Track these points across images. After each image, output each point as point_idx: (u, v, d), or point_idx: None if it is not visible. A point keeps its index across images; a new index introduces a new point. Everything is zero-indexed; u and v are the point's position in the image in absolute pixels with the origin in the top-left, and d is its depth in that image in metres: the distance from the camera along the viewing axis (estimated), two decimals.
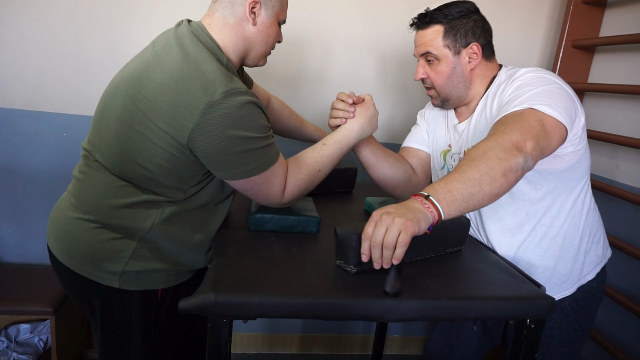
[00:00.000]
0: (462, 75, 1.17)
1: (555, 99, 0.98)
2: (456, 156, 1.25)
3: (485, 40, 1.16)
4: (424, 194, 0.81)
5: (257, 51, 1.08)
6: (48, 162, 1.80)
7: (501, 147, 0.85)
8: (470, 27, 1.14)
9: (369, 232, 0.78)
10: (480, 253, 1.11)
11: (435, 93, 1.21)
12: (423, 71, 1.19)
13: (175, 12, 1.74)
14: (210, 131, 0.91)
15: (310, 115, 1.82)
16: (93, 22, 1.71)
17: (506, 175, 0.83)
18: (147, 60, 0.99)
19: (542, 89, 1.00)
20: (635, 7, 1.69)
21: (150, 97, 0.94)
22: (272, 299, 0.80)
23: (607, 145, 1.76)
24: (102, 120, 1.03)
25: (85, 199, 1.03)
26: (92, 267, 1.02)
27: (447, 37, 1.13)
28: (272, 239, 1.06)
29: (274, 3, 1.05)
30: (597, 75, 1.85)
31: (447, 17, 1.13)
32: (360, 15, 1.85)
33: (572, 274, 1.16)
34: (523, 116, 0.94)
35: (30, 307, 1.63)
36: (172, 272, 1.08)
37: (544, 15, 1.97)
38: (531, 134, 0.89)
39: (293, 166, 1.08)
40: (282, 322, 2.16)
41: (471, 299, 0.88)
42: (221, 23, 1.02)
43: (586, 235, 1.16)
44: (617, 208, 1.69)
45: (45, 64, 1.72)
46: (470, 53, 1.15)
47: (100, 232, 1.01)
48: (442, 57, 1.15)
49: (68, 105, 1.77)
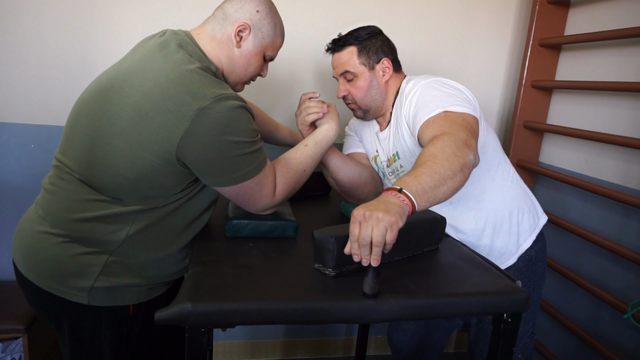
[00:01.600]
0: (378, 87, 1.28)
1: (456, 98, 1.12)
2: (385, 162, 1.35)
3: (392, 56, 1.30)
4: (397, 188, 0.84)
5: (236, 75, 1.08)
6: (15, 174, 1.74)
7: (456, 145, 0.93)
8: (379, 45, 1.27)
9: (356, 232, 0.79)
10: (456, 250, 1.12)
11: (356, 106, 1.31)
12: (344, 89, 1.29)
13: (145, 19, 1.71)
14: (202, 137, 0.90)
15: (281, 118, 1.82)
16: (59, 31, 1.67)
17: (463, 171, 0.91)
18: (127, 69, 0.98)
19: (440, 92, 1.14)
20: (597, 7, 1.74)
21: (134, 105, 0.91)
22: (251, 305, 0.79)
23: (575, 140, 1.81)
24: (77, 130, 1.00)
25: (54, 211, 1.00)
26: (59, 283, 0.99)
27: (361, 55, 1.26)
28: (250, 244, 1.05)
29: (264, 35, 1.07)
30: (564, 72, 1.90)
31: (357, 39, 1.26)
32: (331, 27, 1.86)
33: (509, 246, 1.29)
34: (450, 118, 1.05)
35: (1, 326, 1.57)
36: (144, 287, 1.05)
37: (511, 15, 2.02)
38: (469, 132, 1.00)
39: (280, 167, 1.09)
40: (263, 329, 2.14)
41: (449, 296, 0.89)
42: (209, 35, 1.04)
43: (515, 208, 1.29)
44: (587, 201, 1.74)
45: (10, 74, 1.67)
46: (383, 67, 1.27)
47: (68, 247, 0.98)
48: (360, 74, 1.26)
49: (35, 116, 1.72)
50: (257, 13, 1.05)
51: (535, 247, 1.32)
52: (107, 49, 1.72)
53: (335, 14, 1.85)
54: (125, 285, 1.01)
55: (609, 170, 1.66)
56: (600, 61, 1.72)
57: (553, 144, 1.94)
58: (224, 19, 1.04)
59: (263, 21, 1.06)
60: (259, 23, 1.05)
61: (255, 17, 1.05)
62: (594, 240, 1.61)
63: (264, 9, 1.06)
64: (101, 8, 1.68)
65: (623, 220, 1.59)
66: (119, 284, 1.00)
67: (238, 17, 1.04)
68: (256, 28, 1.05)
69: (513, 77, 2.08)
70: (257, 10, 1.05)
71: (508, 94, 2.10)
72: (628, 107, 1.59)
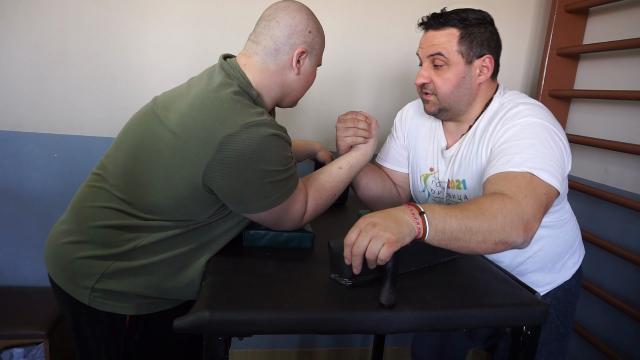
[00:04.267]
0: (469, 88, 1.08)
1: (553, 161, 0.95)
2: (442, 184, 1.18)
3: (497, 55, 1.09)
4: (420, 209, 0.81)
5: (294, 97, 1.08)
6: (39, 183, 1.79)
7: (512, 220, 0.82)
8: (487, 38, 1.06)
9: (352, 239, 0.78)
10: (474, 261, 1.11)
11: (436, 99, 1.10)
12: (427, 75, 1.08)
13: (169, 32, 1.75)
14: (228, 165, 0.88)
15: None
16: (83, 43, 1.72)
17: (497, 245, 0.83)
18: (179, 91, 1.00)
19: (541, 145, 0.95)
20: (616, 15, 1.72)
21: (172, 127, 0.92)
22: (268, 315, 0.80)
23: (595, 150, 1.78)
24: (123, 142, 1.03)
25: (79, 213, 1.03)
26: (67, 280, 1.02)
27: (462, 42, 1.04)
28: (266, 254, 1.06)
29: (317, 50, 1.05)
30: (582, 81, 1.88)
31: (464, 21, 1.04)
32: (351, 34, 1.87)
33: (550, 283, 1.21)
34: (533, 185, 0.90)
35: (23, 331, 1.60)
36: (145, 300, 1.02)
37: (529, 24, 2.01)
38: (540, 213, 0.87)
39: (313, 191, 1.05)
40: (279, 338, 2.14)
41: (466, 307, 0.88)
42: (260, 67, 1.00)
43: (564, 250, 1.20)
44: (607, 211, 1.71)
45: (34, 84, 1.72)
46: (482, 66, 1.07)
47: (81, 248, 1.00)
48: (453, 63, 1.05)
49: (58, 126, 1.77)
50: (309, 34, 1.01)
51: (575, 277, 1.24)
52: (130, 63, 1.76)
53: (348, 14, 1.87)
54: (124, 293, 1.00)
55: (630, 180, 1.63)
56: (619, 70, 1.70)
57: (572, 154, 1.89)
58: (276, 49, 0.99)
59: (315, 39, 1.03)
60: (312, 42, 1.02)
61: (309, 37, 1.01)
62: (614, 252, 1.58)
63: (314, 25, 1.03)
64: (125, 21, 1.73)
65: None
66: (118, 289, 0.99)
67: (293, 44, 0.99)
68: (311, 48, 1.03)
69: (531, 87, 2.06)
70: (309, 30, 1.01)
71: None
72: None
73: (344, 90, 1.93)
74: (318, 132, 1.95)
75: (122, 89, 1.77)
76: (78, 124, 1.77)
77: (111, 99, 1.78)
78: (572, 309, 1.26)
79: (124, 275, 0.99)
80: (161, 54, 1.77)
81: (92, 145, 1.78)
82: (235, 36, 1.51)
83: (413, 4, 1.88)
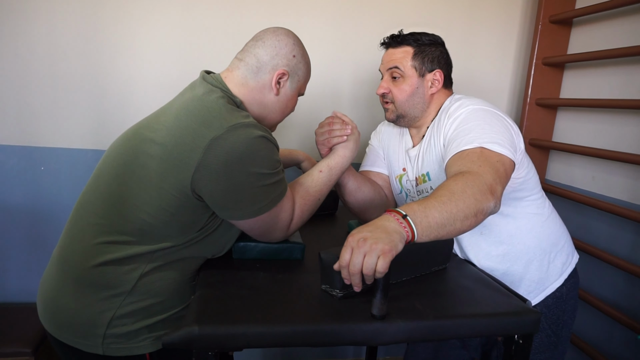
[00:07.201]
0: (422, 97, 1.23)
1: (500, 135, 1.04)
2: (412, 182, 1.29)
3: (447, 71, 1.25)
4: (402, 213, 0.82)
5: (272, 119, 1.07)
6: (25, 197, 1.76)
7: (479, 189, 0.89)
8: (437, 56, 1.22)
9: (347, 259, 0.78)
10: (465, 270, 1.11)
11: (394, 107, 1.25)
12: (386, 86, 1.24)
13: (158, 44, 1.75)
14: (216, 168, 0.87)
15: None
16: (70, 55, 1.70)
17: (477, 216, 0.88)
18: (162, 109, 1.01)
19: (486, 124, 1.07)
20: (599, 26, 1.76)
21: (159, 140, 0.91)
22: (258, 328, 0.79)
23: (582, 158, 1.80)
24: (105, 165, 1.00)
25: (69, 259, 0.97)
26: (73, 334, 0.95)
27: (415, 58, 1.20)
28: (256, 266, 1.05)
29: (300, 77, 1.06)
30: (568, 90, 1.91)
31: (417, 41, 1.21)
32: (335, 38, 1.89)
33: (538, 284, 1.22)
34: (485, 156, 0.99)
35: (8, 349, 1.56)
36: (161, 332, 0.97)
37: (515, 34, 2.04)
38: (499, 177, 0.95)
39: (299, 198, 1.04)
40: (270, 351, 2.11)
41: (458, 317, 0.88)
42: (240, 82, 1.01)
43: (547, 246, 1.22)
44: (596, 218, 1.72)
45: (20, 96, 1.70)
46: (433, 79, 1.22)
47: (82, 295, 0.94)
48: (408, 76, 1.21)
49: (45, 139, 1.75)
50: (293, 58, 1.03)
51: (567, 284, 1.25)
52: (118, 75, 1.75)
53: (339, 19, 1.88)
54: (140, 331, 0.95)
55: (617, 187, 1.65)
56: (604, 79, 1.73)
57: (559, 161, 1.94)
58: (258, 67, 1.00)
59: (299, 64, 1.04)
60: (295, 67, 1.03)
61: (292, 62, 1.03)
62: (604, 259, 1.59)
63: (299, 51, 1.04)
64: (113, 33, 1.72)
65: (633, 238, 1.57)
66: (133, 329, 0.94)
67: (275, 65, 1.01)
68: (293, 72, 1.03)
69: (518, 96, 2.09)
70: (294, 55, 1.03)
71: (513, 112, 2.10)
72: (633, 124, 1.59)
73: (330, 104, 1.93)
74: (302, 145, 1.94)
75: (110, 101, 1.76)
76: (65, 136, 1.75)
77: (99, 110, 1.76)
78: (565, 318, 1.25)
79: (136, 312, 0.95)
80: (150, 66, 1.76)
81: (80, 158, 1.76)
82: (226, 50, 1.51)
83: (400, 18, 1.90)
